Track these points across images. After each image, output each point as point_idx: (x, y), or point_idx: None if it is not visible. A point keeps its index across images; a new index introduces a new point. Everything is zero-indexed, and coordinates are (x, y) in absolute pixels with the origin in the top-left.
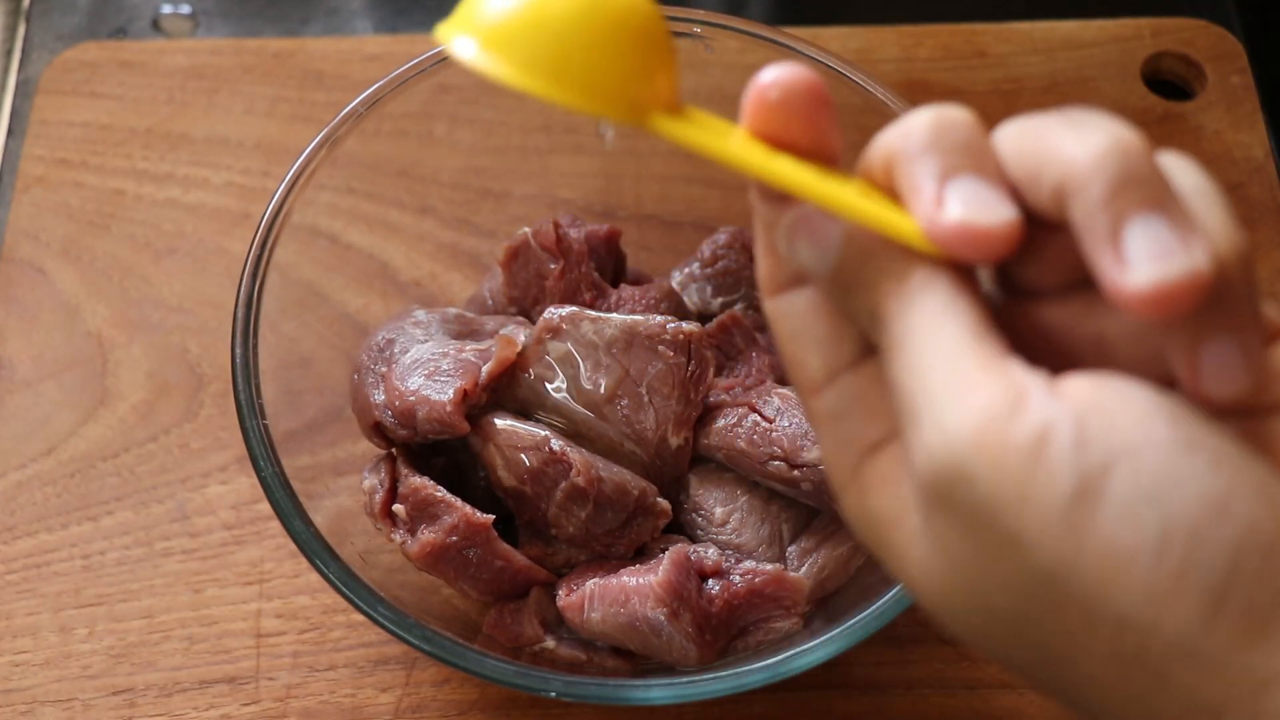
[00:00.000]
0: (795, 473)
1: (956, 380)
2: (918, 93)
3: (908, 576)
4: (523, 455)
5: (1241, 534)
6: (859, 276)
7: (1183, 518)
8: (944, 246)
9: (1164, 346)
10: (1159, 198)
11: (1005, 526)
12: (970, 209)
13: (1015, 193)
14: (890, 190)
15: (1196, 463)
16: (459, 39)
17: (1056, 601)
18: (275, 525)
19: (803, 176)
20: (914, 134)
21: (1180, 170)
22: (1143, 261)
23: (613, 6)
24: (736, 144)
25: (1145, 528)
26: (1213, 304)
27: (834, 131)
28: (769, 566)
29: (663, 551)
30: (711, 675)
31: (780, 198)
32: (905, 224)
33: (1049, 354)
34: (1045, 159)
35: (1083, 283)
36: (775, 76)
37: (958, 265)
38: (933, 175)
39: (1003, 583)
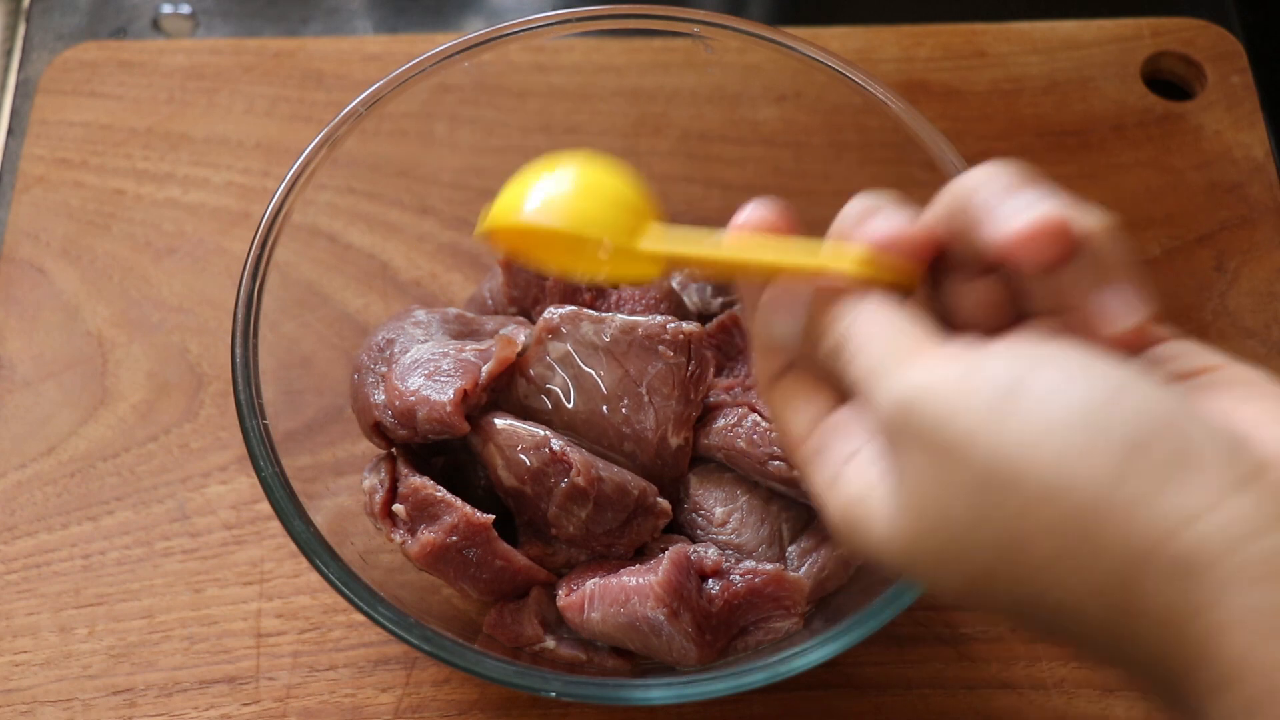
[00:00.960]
0: (795, 473)
1: (900, 353)
2: (918, 93)
3: (880, 536)
4: (523, 455)
5: (1141, 406)
6: (824, 322)
7: (1094, 395)
8: (877, 245)
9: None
10: (1023, 183)
11: (948, 434)
12: (888, 223)
13: (948, 244)
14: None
15: (1101, 367)
16: (521, 213)
17: (998, 491)
18: (275, 525)
19: (763, 254)
20: (846, 210)
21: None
22: (1012, 216)
23: (607, 190)
24: (707, 248)
25: (1060, 404)
26: (1099, 265)
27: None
28: (769, 566)
29: (663, 551)
30: (711, 675)
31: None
32: (841, 261)
33: None
34: (950, 195)
35: (998, 326)
36: (749, 218)
37: (894, 292)
38: (860, 220)
39: (956, 489)
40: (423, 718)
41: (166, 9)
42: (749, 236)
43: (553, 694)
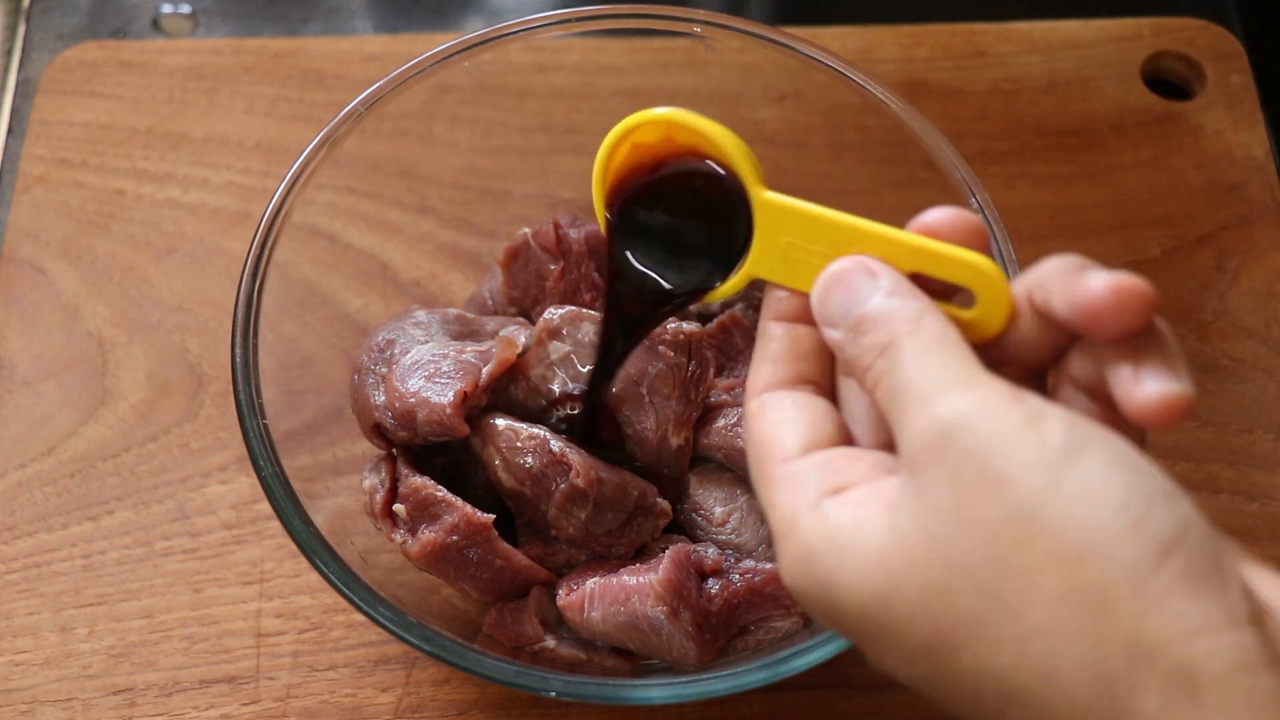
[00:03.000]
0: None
1: (963, 374)
2: (918, 93)
3: (853, 568)
4: (523, 456)
5: (1186, 516)
6: (882, 318)
7: (1145, 488)
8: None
9: (1110, 375)
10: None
11: (996, 465)
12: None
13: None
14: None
15: (1154, 466)
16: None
17: (1024, 538)
18: (275, 525)
19: (861, 224)
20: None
21: None
22: (1099, 279)
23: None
24: (813, 209)
25: (1116, 485)
26: (1148, 336)
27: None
28: (769, 566)
29: (663, 551)
30: (711, 675)
31: (793, 315)
32: (936, 247)
33: None
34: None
35: (1038, 366)
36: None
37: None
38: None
39: (976, 522)
40: (423, 718)
41: (166, 9)
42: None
43: (553, 694)
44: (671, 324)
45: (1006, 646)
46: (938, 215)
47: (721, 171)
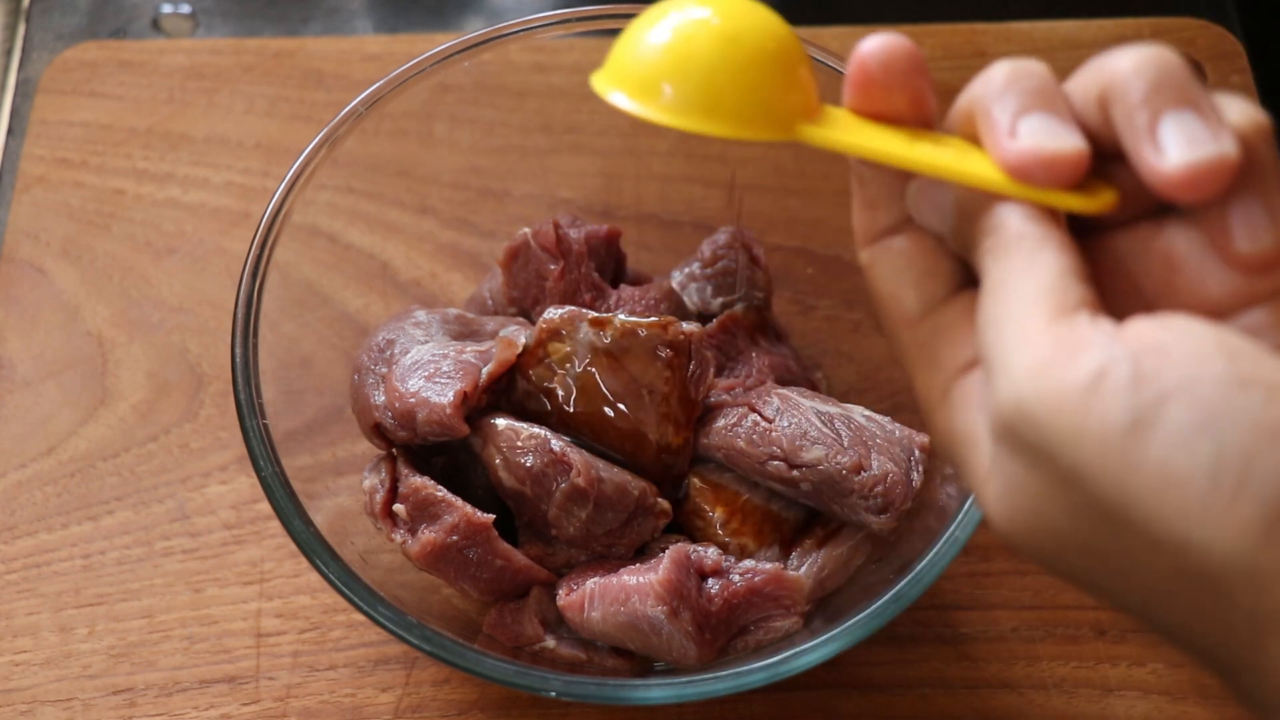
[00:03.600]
0: (794, 473)
1: (1022, 333)
2: None
3: (982, 498)
4: (523, 456)
5: None
6: (968, 235)
7: (1235, 444)
8: (1016, 174)
9: (1207, 229)
10: (1190, 96)
11: (1065, 461)
12: (1039, 137)
13: (1086, 129)
14: (975, 138)
15: (1251, 395)
16: (613, 92)
17: (1116, 527)
18: (275, 525)
19: (914, 153)
20: (992, 81)
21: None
22: (1177, 148)
23: (750, 37)
24: (870, 138)
25: (1198, 454)
26: (1246, 174)
27: (930, 95)
28: (769, 566)
29: (663, 551)
30: (711, 675)
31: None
32: (991, 173)
33: (1123, 284)
34: (1095, 78)
35: (1148, 214)
36: (872, 49)
37: (1049, 216)
38: (1007, 112)
39: (1066, 510)
40: (423, 718)
41: (166, 9)
42: (893, 113)
43: (553, 694)
44: (672, 324)
45: (1133, 600)
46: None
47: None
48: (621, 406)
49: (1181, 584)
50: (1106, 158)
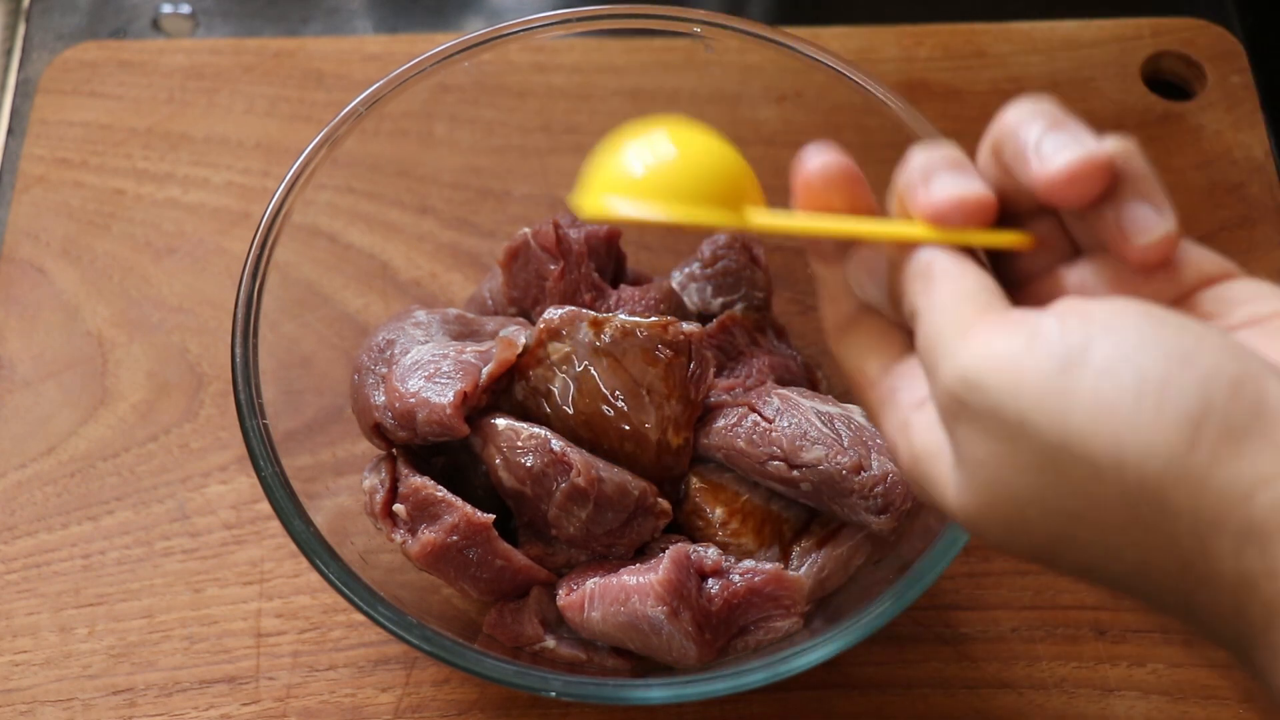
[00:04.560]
0: (794, 473)
1: (959, 324)
2: (918, 93)
3: (947, 502)
4: (523, 456)
5: (1207, 373)
6: (901, 290)
7: (1154, 368)
8: (936, 219)
9: (1104, 237)
10: (1061, 122)
11: (1009, 413)
12: (949, 189)
13: (995, 188)
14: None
15: (1164, 331)
16: (601, 200)
17: (1064, 465)
18: (275, 525)
19: (841, 226)
20: (910, 165)
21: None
22: (1056, 155)
23: (708, 160)
24: (803, 220)
25: (1123, 379)
26: (1122, 186)
27: (866, 195)
28: (769, 566)
29: (663, 551)
30: (711, 675)
31: (833, 257)
32: (917, 230)
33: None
34: (988, 139)
35: (1054, 263)
36: (813, 168)
37: (963, 253)
38: (924, 180)
39: (1019, 466)
40: (423, 718)
41: (166, 9)
42: (832, 210)
43: (553, 694)
44: (672, 324)
45: (1094, 548)
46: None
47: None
48: (621, 406)
49: (1128, 509)
50: (1019, 216)
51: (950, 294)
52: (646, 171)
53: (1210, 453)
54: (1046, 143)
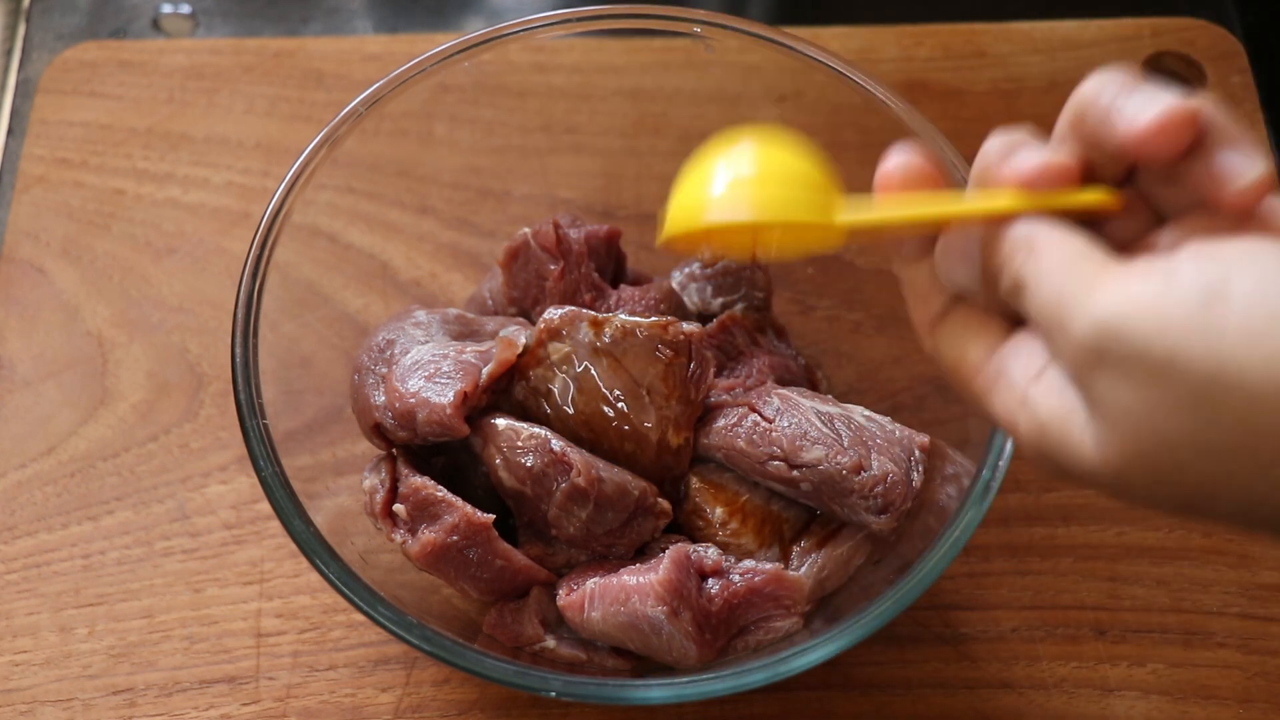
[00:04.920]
0: (794, 473)
1: (1083, 279)
2: (918, 92)
3: (1085, 463)
4: (523, 456)
5: None
6: (998, 262)
7: None
8: (1026, 185)
9: (1199, 194)
10: (1139, 84)
11: (1156, 353)
12: (1034, 159)
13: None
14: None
15: None
16: (709, 214)
17: (1219, 398)
18: (275, 525)
19: (937, 208)
20: (987, 150)
21: None
22: (1143, 112)
23: (798, 174)
24: (891, 209)
25: (1271, 305)
26: (1208, 137)
27: (943, 177)
28: (769, 566)
29: (663, 551)
30: (711, 675)
31: (916, 255)
32: (1005, 201)
33: None
34: (1067, 112)
35: (1145, 231)
36: (892, 163)
37: (1062, 219)
38: (1005, 158)
39: (1171, 406)
40: (423, 718)
41: (166, 9)
42: (916, 196)
43: (553, 694)
44: (672, 325)
45: (1256, 484)
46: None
47: None
48: (622, 406)
49: None
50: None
51: (1063, 256)
52: (729, 188)
53: None
54: (1131, 101)
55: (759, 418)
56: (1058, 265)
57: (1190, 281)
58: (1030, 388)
